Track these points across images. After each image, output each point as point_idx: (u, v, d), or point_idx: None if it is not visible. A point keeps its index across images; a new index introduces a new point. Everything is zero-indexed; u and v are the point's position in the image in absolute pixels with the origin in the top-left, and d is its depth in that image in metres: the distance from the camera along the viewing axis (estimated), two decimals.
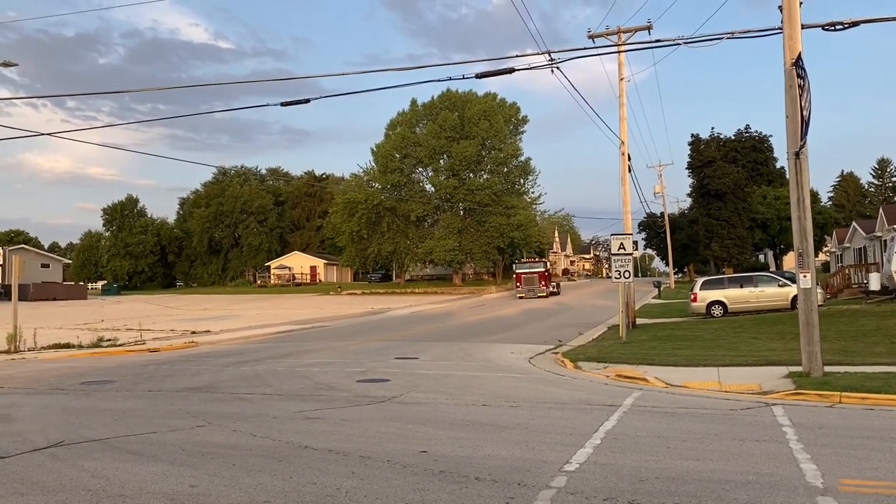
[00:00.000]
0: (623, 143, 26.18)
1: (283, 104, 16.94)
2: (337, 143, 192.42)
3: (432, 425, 8.85)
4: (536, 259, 57.26)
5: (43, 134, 22.99)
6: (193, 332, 27.44)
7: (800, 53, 12.10)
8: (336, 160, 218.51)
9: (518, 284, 51.18)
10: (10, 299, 22.40)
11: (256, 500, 5.70)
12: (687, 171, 66.58)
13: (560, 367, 15.71)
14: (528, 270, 51.71)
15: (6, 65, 22.82)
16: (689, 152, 66.10)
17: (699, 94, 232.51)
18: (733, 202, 61.61)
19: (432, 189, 68.86)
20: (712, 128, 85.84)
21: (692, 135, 67.20)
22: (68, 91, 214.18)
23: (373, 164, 69.76)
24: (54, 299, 62.68)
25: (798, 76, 11.84)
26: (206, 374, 14.91)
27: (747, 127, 68.74)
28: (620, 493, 5.75)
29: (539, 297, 49.45)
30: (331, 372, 14.89)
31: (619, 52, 24.45)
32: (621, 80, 26.39)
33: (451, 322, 31.84)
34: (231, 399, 11.45)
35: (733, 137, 67.70)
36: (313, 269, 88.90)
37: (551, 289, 52.06)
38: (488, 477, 6.28)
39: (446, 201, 66.08)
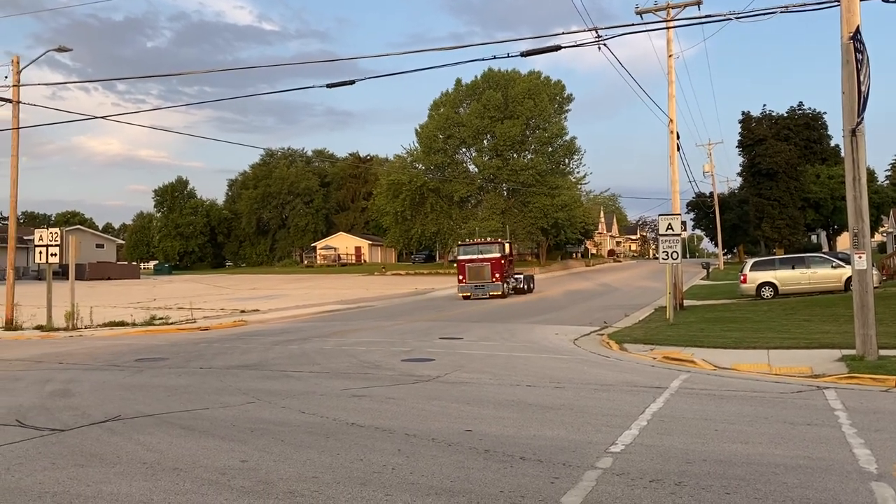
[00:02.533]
0: (671, 121, 25.69)
1: (328, 86, 17.08)
2: (381, 125, 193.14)
3: (477, 405, 8.90)
4: (489, 240, 38.11)
5: (96, 117, 23.57)
6: (242, 311, 28.00)
7: (858, 27, 11.67)
8: (380, 141, 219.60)
9: (461, 277, 35.02)
10: (67, 278, 23.13)
11: (305, 476, 5.82)
12: (737, 149, 64.92)
13: (605, 349, 15.60)
14: (474, 257, 34.97)
15: (61, 50, 23.41)
16: (739, 130, 64.42)
17: (751, 71, 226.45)
18: (785, 181, 59.98)
19: (476, 170, 68.67)
20: (764, 105, 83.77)
21: (743, 112, 65.47)
22: (118, 75, 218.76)
23: (416, 144, 69.82)
24: (109, 278, 64.54)
25: (856, 50, 11.43)
26: (255, 353, 15.23)
27: (800, 104, 66.69)
28: (667, 475, 5.71)
29: (492, 296, 33.95)
30: (376, 351, 15.05)
31: (667, 27, 23.89)
32: (670, 56, 25.84)
33: (494, 303, 31.84)
34: (279, 377, 11.67)
35: (786, 115, 65.75)
36: (358, 249, 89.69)
37: (513, 283, 36.44)
38: (533, 457, 6.29)
39: (490, 182, 65.87)
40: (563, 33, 21.04)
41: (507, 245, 36.85)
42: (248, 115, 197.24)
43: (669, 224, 21.22)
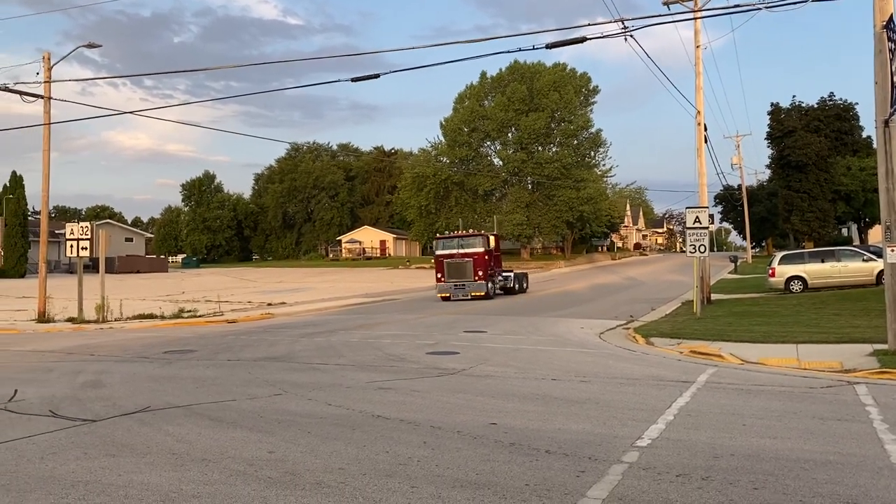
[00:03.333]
0: (699, 113, 25.39)
1: (353, 80, 17.10)
2: (405, 118, 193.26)
3: (502, 398, 8.90)
4: (470, 232, 34.33)
5: (125, 112, 23.96)
6: (269, 304, 28.25)
7: (892, 15, 11.44)
8: (405, 135, 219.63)
9: (439, 275, 30.49)
10: (97, 272, 23.51)
11: (331, 467, 5.87)
12: (766, 141, 64.01)
13: (631, 343, 15.51)
14: (454, 252, 30.48)
15: (91, 46, 23.74)
16: (768, 122, 63.50)
17: (780, 61, 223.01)
18: (815, 173, 59.03)
19: (500, 163, 68.51)
20: (793, 96, 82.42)
21: (772, 104, 64.47)
22: (146, 70, 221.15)
23: (441, 138, 69.85)
24: (138, 272, 65.50)
25: (889, 39, 11.21)
26: (282, 345, 15.37)
27: (831, 95, 65.45)
28: (694, 469, 5.67)
29: (475, 297, 29.51)
30: (401, 344, 15.11)
31: (695, 18, 23.60)
32: (697, 47, 25.53)
33: (519, 297, 31.78)
34: (306, 369, 11.77)
35: (816, 106, 64.64)
36: (383, 243, 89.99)
37: (500, 282, 31.81)
38: (559, 450, 6.28)
39: (514, 175, 65.70)
40: (588, 25, 20.91)
41: (491, 238, 31.99)
42: (274, 110, 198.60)
43: (697, 217, 21.00)
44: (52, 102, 23.14)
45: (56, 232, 53.76)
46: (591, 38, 15.06)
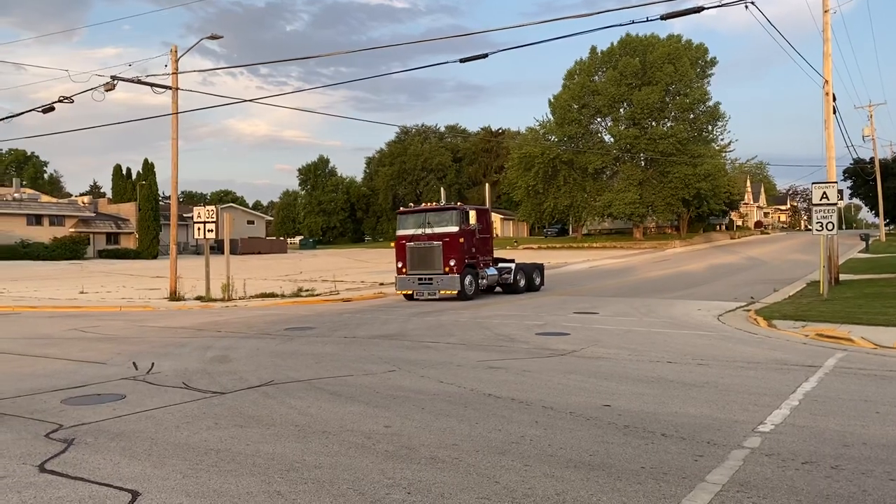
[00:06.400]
0: (827, 82, 23.79)
1: (461, 60, 17.18)
2: (511, 97, 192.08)
3: (615, 380, 8.76)
4: (442, 205, 23.98)
5: (244, 101, 24.99)
6: (381, 284, 28.95)
7: None
8: (511, 114, 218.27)
9: (399, 265, 22.82)
10: (222, 253, 24.85)
11: (445, 443, 5.98)
12: None
13: (752, 325, 14.86)
14: (418, 233, 22.57)
15: (213, 37, 24.93)
16: None
17: None
18: None
19: (611, 140, 66.80)
20: None
21: None
22: (261, 59, 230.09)
23: (549, 116, 68.78)
24: (259, 253, 68.70)
25: None
26: (394, 323, 15.75)
27: None
28: (822, 457, 5.40)
29: (443, 294, 22.05)
30: (510, 324, 15.14)
31: None
32: (825, 12, 23.87)
33: (631, 277, 31.08)
34: (418, 347, 12.02)
35: None
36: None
37: (489, 277, 23.21)
38: (675, 434, 6.14)
39: (626, 152, 63.90)
40: None
41: (472, 213, 22.56)
42: (381, 94, 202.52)
43: (824, 193, 19.78)
44: (178, 93, 24.50)
45: (184, 216, 57.12)
46: (708, 8, 14.40)
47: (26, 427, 6.82)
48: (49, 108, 22.73)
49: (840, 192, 22.30)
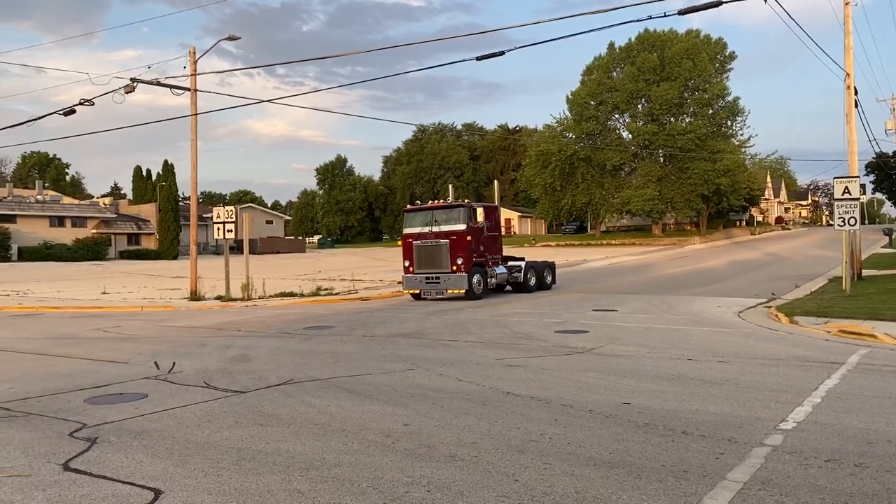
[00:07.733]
0: (848, 75, 23.50)
1: (478, 58, 17.10)
2: (528, 95, 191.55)
3: (634, 378, 8.72)
4: (450, 202, 23.85)
5: (261, 101, 25.11)
6: (399, 283, 28.95)
7: None
8: (528, 112, 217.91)
9: (406, 264, 22.43)
10: (241, 253, 25.02)
11: (464, 441, 5.98)
12: None
13: (773, 322, 14.72)
14: (425, 231, 22.16)
15: (231, 38, 25.07)
16: None
17: None
18: None
19: (629, 136, 66.38)
20: None
21: None
22: (277, 59, 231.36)
23: (566, 113, 68.52)
24: (278, 252, 69.10)
25: None
26: (412, 322, 15.77)
27: None
28: (845, 455, 5.34)
29: (452, 294, 22.03)
30: (528, 322, 15.10)
31: None
32: (847, 4, 23.57)
33: (650, 274, 30.90)
34: (436, 345, 12.02)
35: None
36: (507, 221, 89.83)
37: (498, 276, 22.71)
38: (696, 431, 6.09)
39: (644, 148, 63.48)
40: None
41: (479, 210, 22.05)
42: (398, 93, 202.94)
43: (846, 187, 19.54)
44: (197, 94, 24.67)
45: (204, 216, 57.61)
46: (727, 2, 14.24)
47: (50, 426, 6.91)
48: (70, 111, 22.95)
49: (862, 186, 22.04)
